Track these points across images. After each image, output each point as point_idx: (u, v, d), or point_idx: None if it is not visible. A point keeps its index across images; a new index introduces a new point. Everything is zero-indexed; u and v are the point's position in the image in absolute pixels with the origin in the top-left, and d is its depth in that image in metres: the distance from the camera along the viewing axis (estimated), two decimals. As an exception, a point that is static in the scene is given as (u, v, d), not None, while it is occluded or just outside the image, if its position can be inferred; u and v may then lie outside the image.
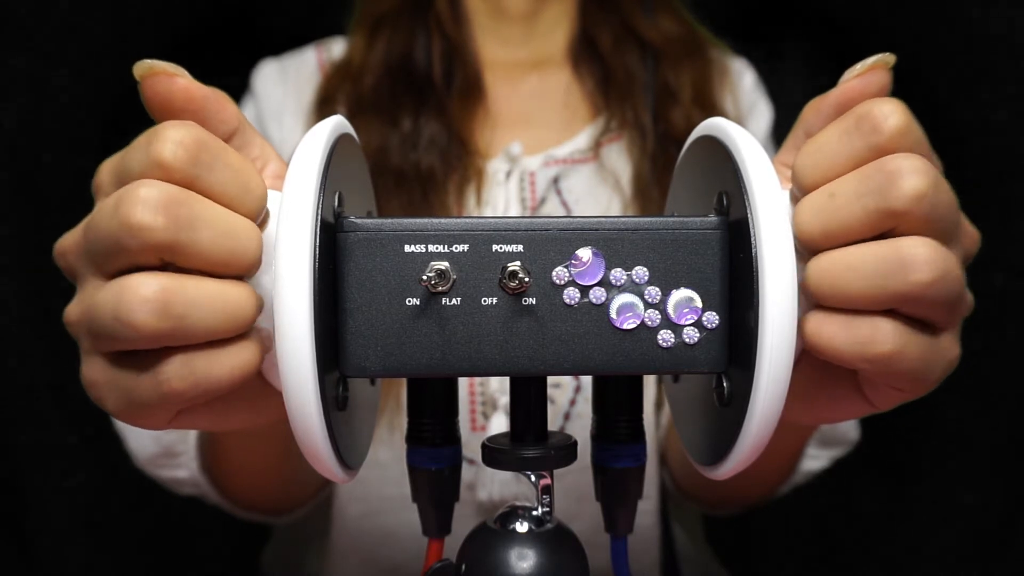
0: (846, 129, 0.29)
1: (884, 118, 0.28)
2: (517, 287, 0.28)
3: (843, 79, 0.32)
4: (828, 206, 0.28)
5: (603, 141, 0.67)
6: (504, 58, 0.71)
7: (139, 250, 0.26)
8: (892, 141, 0.28)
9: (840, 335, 0.28)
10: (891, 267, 0.27)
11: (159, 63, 0.30)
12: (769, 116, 0.73)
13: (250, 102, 0.71)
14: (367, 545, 0.63)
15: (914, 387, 0.30)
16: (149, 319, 0.26)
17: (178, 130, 0.27)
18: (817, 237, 0.28)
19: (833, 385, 0.32)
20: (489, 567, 0.32)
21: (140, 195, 0.26)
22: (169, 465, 0.60)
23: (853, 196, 0.28)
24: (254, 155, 0.33)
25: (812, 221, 0.28)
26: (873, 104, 0.29)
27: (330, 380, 0.28)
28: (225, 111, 0.31)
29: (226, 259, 0.27)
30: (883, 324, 0.28)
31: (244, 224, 0.28)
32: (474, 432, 0.60)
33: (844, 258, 0.28)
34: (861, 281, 0.27)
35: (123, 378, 0.28)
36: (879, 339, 0.28)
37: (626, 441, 0.34)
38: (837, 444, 0.64)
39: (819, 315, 0.29)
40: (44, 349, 0.78)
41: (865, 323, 0.28)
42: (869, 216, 0.28)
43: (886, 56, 0.32)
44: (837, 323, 0.28)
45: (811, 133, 0.33)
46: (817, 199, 0.29)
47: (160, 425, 0.30)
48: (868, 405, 0.32)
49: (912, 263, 0.27)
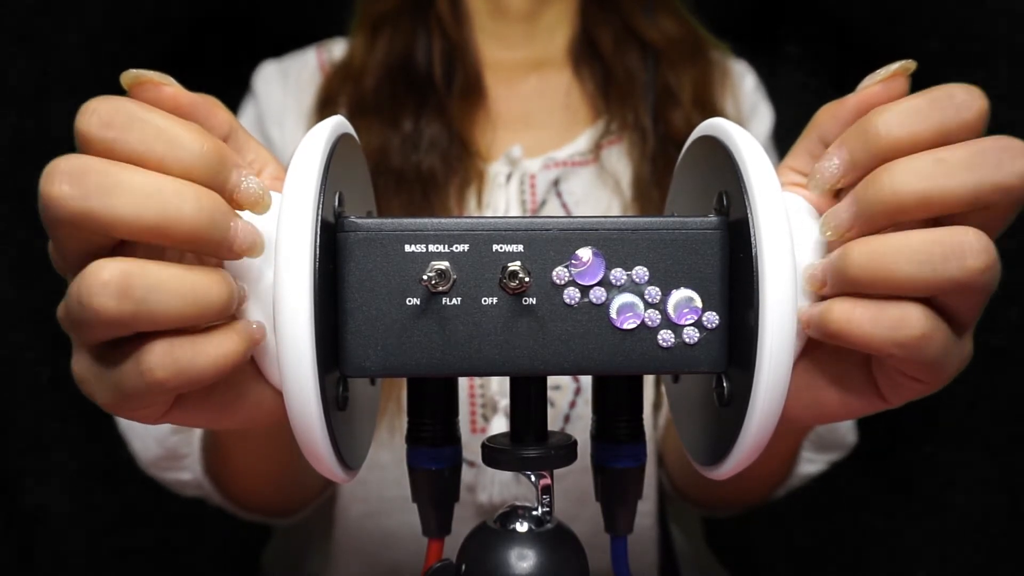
0: (936, 99, 0.29)
1: (973, 99, 0.29)
2: (517, 287, 0.28)
3: (863, 84, 0.32)
4: (936, 170, 0.28)
5: (603, 143, 0.67)
6: (505, 59, 0.71)
7: (60, 221, 0.26)
8: (976, 122, 0.29)
9: (870, 319, 0.28)
10: (948, 252, 0.27)
11: (146, 72, 0.30)
12: (770, 119, 0.73)
13: (251, 103, 0.71)
14: (368, 545, 0.63)
15: (935, 377, 0.30)
16: (110, 302, 0.26)
17: (96, 101, 0.27)
18: (914, 203, 0.28)
19: (845, 380, 0.32)
20: (489, 567, 0.32)
21: (55, 168, 0.26)
22: (173, 467, 0.60)
23: (964, 166, 0.27)
24: (249, 159, 0.33)
25: (916, 184, 0.28)
26: (958, 86, 0.29)
27: (330, 380, 0.28)
28: (215, 117, 0.31)
29: (154, 224, 0.26)
30: (912, 308, 0.28)
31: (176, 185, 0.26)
32: (474, 434, 0.60)
33: (896, 241, 0.28)
34: (912, 265, 0.27)
35: (109, 369, 0.28)
36: (910, 322, 0.27)
37: (626, 441, 0.34)
38: (835, 448, 0.64)
39: (846, 301, 0.28)
40: (44, 348, 0.78)
41: (894, 307, 0.28)
42: (980, 187, 0.27)
43: (907, 63, 0.32)
44: (867, 307, 0.28)
45: (826, 139, 0.32)
46: (923, 162, 0.28)
47: (153, 419, 0.29)
48: (880, 401, 0.32)
49: (970, 249, 0.27)
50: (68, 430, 0.82)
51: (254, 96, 0.71)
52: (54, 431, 0.82)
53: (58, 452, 0.82)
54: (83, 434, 0.81)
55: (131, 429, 0.60)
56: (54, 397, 0.80)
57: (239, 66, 0.73)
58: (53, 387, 0.78)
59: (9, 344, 0.80)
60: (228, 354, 0.28)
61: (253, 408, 0.32)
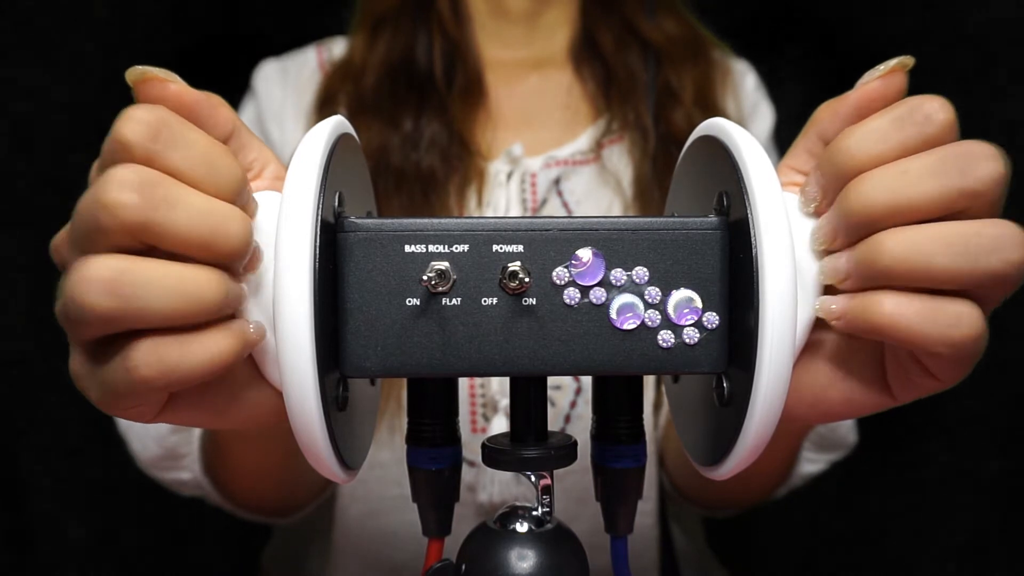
0: (899, 116, 0.29)
1: (936, 112, 0.29)
2: (517, 287, 0.28)
3: (862, 81, 0.32)
4: (900, 181, 0.28)
5: (604, 142, 0.67)
6: (505, 58, 0.71)
7: (114, 229, 0.26)
8: (941, 135, 0.29)
9: (923, 317, 0.27)
10: (987, 245, 0.27)
11: (151, 69, 0.30)
12: (771, 118, 0.73)
13: (251, 102, 0.71)
14: (368, 545, 0.63)
15: (958, 375, 0.29)
16: (99, 299, 0.26)
17: (140, 110, 0.27)
18: (881, 212, 0.28)
19: (853, 379, 0.32)
20: (489, 567, 0.32)
21: (116, 176, 0.26)
22: (172, 467, 0.60)
23: (928, 173, 0.28)
24: (251, 158, 0.33)
25: (881, 195, 0.28)
26: (923, 99, 0.29)
27: (330, 380, 0.28)
28: (219, 115, 0.31)
29: (205, 241, 0.27)
30: (967, 307, 0.27)
31: (225, 208, 0.28)
32: (474, 434, 0.60)
33: (931, 232, 0.27)
34: (951, 258, 0.27)
35: (99, 367, 0.28)
36: (965, 322, 0.27)
37: (626, 441, 0.34)
38: (835, 448, 0.63)
39: (897, 296, 0.28)
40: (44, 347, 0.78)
41: (951, 304, 0.27)
42: (946, 194, 0.27)
43: (905, 59, 0.32)
44: (921, 304, 0.27)
45: (825, 136, 0.32)
46: (887, 174, 0.28)
47: (146, 417, 0.29)
48: (888, 398, 0.32)
49: (1008, 242, 0.27)
50: (68, 430, 0.82)
51: (254, 94, 0.71)
52: (54, 431, 0.82)
53: (58, 452, 0.82)
54: (83, 434, 0.81)
55: (130, 429, 0.60)
56: (54, 397, 0.80)
57: (239, 64, 0.73)
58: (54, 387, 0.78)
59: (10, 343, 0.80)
60: (219, 354, 0.27)
61: (252, 408, 0.32)
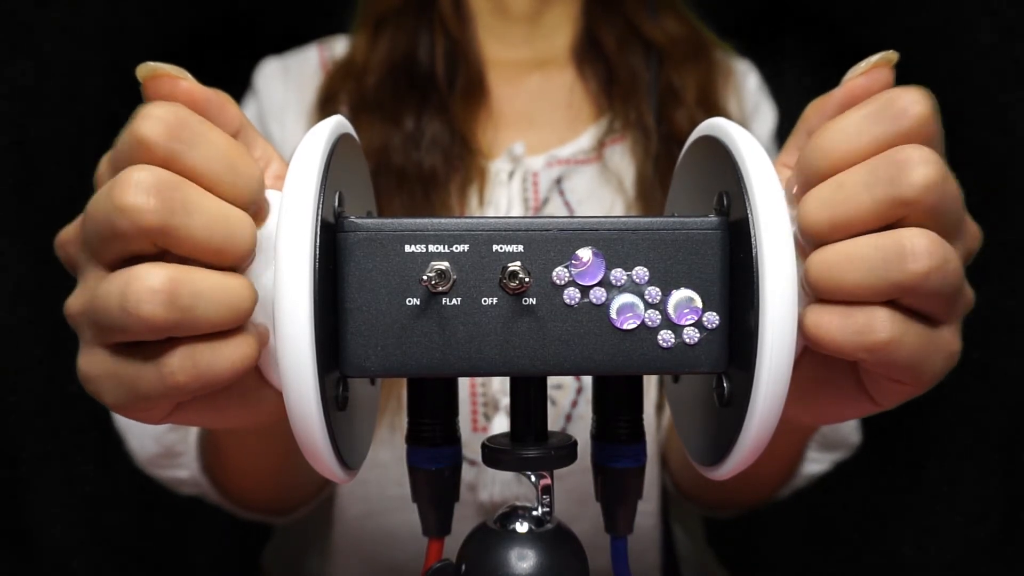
0: (870, 114, 0.29)
1: (911, 104, 0.28)
2: (517, 287, 0.28)
3: (847, 78, 0.32)
4: (836, 196, 0.28)
5: (606, 142, 0.67)
6: (507, 58, 0.71)
7: (132, 233, 0.26)
8: (916, 129, 0.28)
9: (837, 325, 0.28)
10: (890, 257, 0.27)
11: (162, 66, 0.30)
12: (773, 118, 0.73)
13: (252, 100, 0.71)
14: (368, 545, 0.63)
15: (915, 380, 0.30)
16: (158, 310, 0.26)
17: (159, 108, 0.27)
18: (824, 229, 0.28)
19: (836, 383, 0.32)
20: (489, 567, 0.32)
21: (133, 178, 0.26)
22: (170, 465, 0.60)
23: (862, 186, 0.28)
24: (256, 156, 0.33)
25: (819, 212, 0.28)
26: (900, 91, 0.29)
27: (330, 380, 0.28)
28: (227, 112, 0.31)
29: (220, 246, 0.27)
30: (879, 312, 0.28)
31: (236, 213, 0.28)
32: (475, 433, 0.60)
33: (844, 249, 0.28)
34: (859, 272, 0.27)
35: (125, 370, 0.28)
36: (876, 327, 0.28)
37: (626, 441, 0.34)
38: (838, 447, 0.63)
39: (817, 308, 0.29)
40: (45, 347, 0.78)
41: (862, 312, 0.28)
42: (878, 205, 0.27)
43: (889, 54, 0.32)
44: (834, 314, 0.28)
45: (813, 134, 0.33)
46: (825, 190, 0.28)
47: (158, 419, 0.29)
48: (871, 403, 0.32)
49: (911, 253, 0.27)
50: (68, 430, 0.82)
51: (255, 93, 0.71)
52: (53, 431, 0.82)
53: (57, 452, 0.82)
54: (82, 434, 0.81)
55: (128, 427, 0.60)
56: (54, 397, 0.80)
57: (240, 63, 0.73)
58: (53, 387, 0.78)
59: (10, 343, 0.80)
60: (244, 357, 0.28)
61: (253, 408, 0.32)
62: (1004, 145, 0.75)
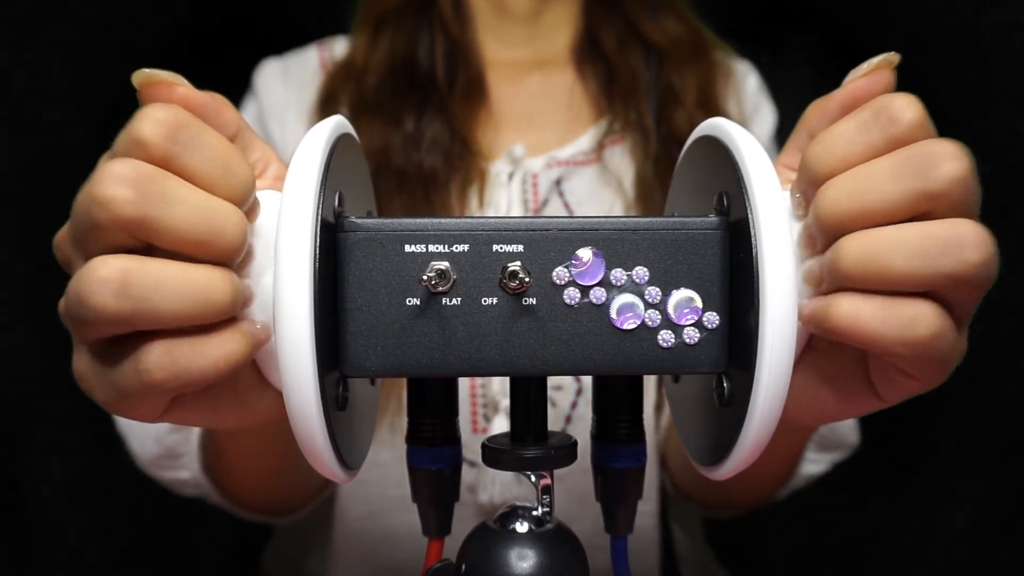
0: (863, 121, 0.29)
1: (901, 111, 0.28)
2: (517, 287, 0.28)
3: (848, 79, 0.32)
4: (864, 186, 0.28)
5: (606, 143, 0.67)
6: (507, 58, 0.71)
7: (109, 225, 0.26)
8: (909, 133, 0.28)
9: (880, 317, 0.27)
10: (942, 246, 0.27)
11: (158, 72, 0.30)
12: (773, 119, 0.73)
13: (252, 101, 0.71)
14: (368, 545, 0.63)
15: (936, 376, 0.29)
16: (108, 300, 0.25)
17: (159, 110, 0.27)
18: (848, 217, 0.28)
19: (839, 380, 0.32)
20: (489, 567, 0.32)
21: (111, 170, 0.26)
22: (171, 466, 0.60)
23: (889, 177, 0.27)
24: (254, 158, 0.33)
25: (845, 201, 0.28)
26: (890, 98, 0.29)
27: (330, 380, 0.28)
28: (224, 116, 0.31)
29: (203, 239, 0.27)
30: (924, 306, 0.27)
31: (224, 206, 0.27)
32: (475, 434, 0.60)
33: (888, 235, 0.27)
34: (906, 259, 0.27)
35: (107, 368, 0.28)
36: (922, 322, 0.27)
37: (626, 441, 0.34)
38: (837, 448, 0.63)
39: (854, 297, 0.28)
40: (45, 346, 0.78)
41: (907, 305, 0.27)
42: (907, 196, 0.27)
43: (890, 55, 0.32)
44: (876, 305, 0.27)
45: (815, 134, 0.32)
46: (849, 180, 0.28)
47: (151, 417, 0.29)
48: (876, 400, 0.32)
49: (969, 243, 0.27)
50: (68, 431, 0.82)
51: (255, 94, 0.71)
52: (54, 432, 0.82)
53: (57, 453, 0.82)
54: (82, 434, 0.81)
55: (129, 428, 0.60)
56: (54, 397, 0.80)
57: (240, 63, 0.73)
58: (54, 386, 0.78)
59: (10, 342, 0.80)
60: (229, 356, 0.27)
61: (252, 408, 0.32)
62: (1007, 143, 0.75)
